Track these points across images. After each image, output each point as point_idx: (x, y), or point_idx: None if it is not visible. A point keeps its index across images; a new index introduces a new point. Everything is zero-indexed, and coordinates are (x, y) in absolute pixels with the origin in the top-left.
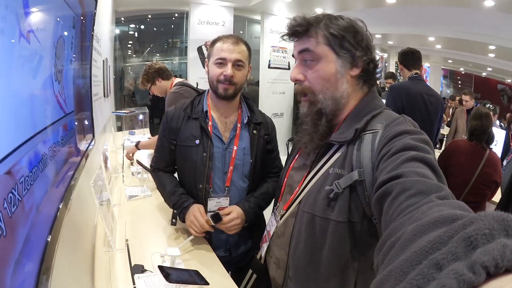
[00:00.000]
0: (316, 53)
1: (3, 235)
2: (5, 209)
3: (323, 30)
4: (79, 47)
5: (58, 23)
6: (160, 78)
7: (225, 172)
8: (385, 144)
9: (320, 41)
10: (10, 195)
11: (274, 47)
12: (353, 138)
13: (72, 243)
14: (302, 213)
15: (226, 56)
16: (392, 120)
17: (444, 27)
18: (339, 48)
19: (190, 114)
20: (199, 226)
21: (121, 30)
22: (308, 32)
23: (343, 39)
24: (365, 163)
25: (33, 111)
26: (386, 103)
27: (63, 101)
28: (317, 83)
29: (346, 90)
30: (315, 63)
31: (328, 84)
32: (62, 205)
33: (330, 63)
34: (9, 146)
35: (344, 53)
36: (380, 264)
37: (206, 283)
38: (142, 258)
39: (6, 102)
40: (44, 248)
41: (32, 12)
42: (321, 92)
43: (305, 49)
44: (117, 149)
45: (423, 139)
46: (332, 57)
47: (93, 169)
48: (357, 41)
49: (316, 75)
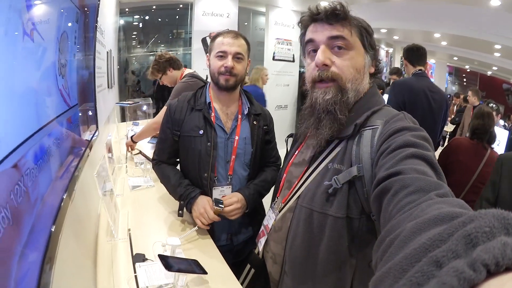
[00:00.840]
0: (351, 42)
1: (10, 224)
2: (12, 200)
3: (356, 23)
4: (83, 41)
5: (61, 18)
6: (171, 68)
7: (227, 161)
8: (385, 140)
9: (354, 32)
10: (17, 187)
11: (279, 39)
12: (353, 133)
13: (75, 233)
14: (301, 208)
15: (226, 49)
16: (392, 117)
17: (450, 24)
18: (368, 44)
19: (194, 106)
20: (208, 219)
21: (126, 21)
22: (346, 19)
23: (370, 37)
24: (364, 159)
25: (38, 106)
26: (388, 98)
27: (67, 95)
28: (349, 72)
29: (366, 85)
30: (347, 52)
31: (358, 75)
32: (66, 195)
33: (360, 56)
34: (15, 141)
35: (371, 50)
36: (379, 261)
37: (204, 272)
38: (143, 247)
39: (11, 98)
40: (48, 237)
41: (35, 6)
42: (351, 81)
43: (339, 36)
44: (121, 140)
45: (422, 136)
46: (362, 50)
47: (97, 159)
48: (373, 42)
49: (349, 64)
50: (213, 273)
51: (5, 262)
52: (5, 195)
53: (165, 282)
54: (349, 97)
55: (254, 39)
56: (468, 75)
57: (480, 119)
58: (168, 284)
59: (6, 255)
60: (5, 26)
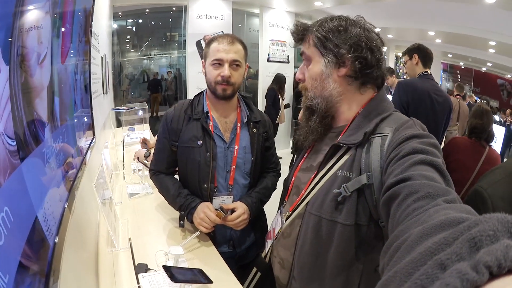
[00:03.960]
0: (308, 55)
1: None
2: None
3: (313, 34)
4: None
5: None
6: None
7: (227, 170)
8: (394, 148)
9: (311, 44)
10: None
11: (273, 40)
12: (362, 141)
13: (76, 243)
14: (309, 215)
15: (222, 57)
16: (402, 124)
17: (445, 21)
18: (323, 48)
19: (191, 115)
20: (210, 221)
21: (119, 25)
22: (303, 37)
23: (326, 40)
24: (374, 167)
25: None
26: (392, 98)
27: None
28: (308, 82)
29: (335, 89)
30: (309, 64)
31: (316, 83)
32: (66, 206)
33: (317, 64)
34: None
35: (328, 53)
36: (386, 266)
37: (210, 281)
38: (145, 256)
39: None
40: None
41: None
42: (311, 90)
43: (301, 52)
44: (117, 146)
45: (431, 143)
46: (318, 58)
47: (94, 167)
48: (343, 39)
49: (308, 75)
50: (218, 282)
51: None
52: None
53: None
54: (314, 104)
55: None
56: (462, 71)
57: (479, 118)
58: None
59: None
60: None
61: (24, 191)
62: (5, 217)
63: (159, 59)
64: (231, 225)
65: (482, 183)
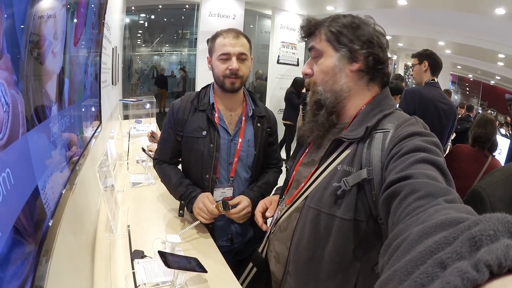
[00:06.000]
0: (319, 49)
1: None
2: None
3: (325, 29)
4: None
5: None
6: None
7: (230, 163)
8: (396, 144)
9: (322, 39)
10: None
11: (284, 42)
12: (364, 136)
13: (74, 226)
14: (308, 209)
15: (229, 50)
16: (404, 121)
17: (455, 32)
18: (337, 43)
19: (197, 106)
20: (208, 212)
21: (131, 19)
22: (314, 32)
23: (341, 35)
24: (375, 162)
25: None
26: (399, 106)
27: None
28: (318, 76)
29: (345, 84)
30: (319, 59)
31: (327, 77)
32: (66, 188)
33: (329, 58)
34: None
35: (342, 47)
36: (385, 265)
37: (204, 271)
38: (142, 244)
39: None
40: (46, 230)
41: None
42: (321, 84)
43: (311, 46)
44: (123, 137)
45: (433, 142)
46: (331, 52)
47: (99, 154)
48: (357, 35)
49: (319, 69)
50: (213, 273)
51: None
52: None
53: (164, 279)
54: (323, 98)
55: (259, 42)
56: (471, 84)
57: (483, 127)
58: (167, 282)
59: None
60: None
61: (28, 158)
62: (5, 178)
63: (169, 55)
64: (235, 218)
65: (481, 183)
